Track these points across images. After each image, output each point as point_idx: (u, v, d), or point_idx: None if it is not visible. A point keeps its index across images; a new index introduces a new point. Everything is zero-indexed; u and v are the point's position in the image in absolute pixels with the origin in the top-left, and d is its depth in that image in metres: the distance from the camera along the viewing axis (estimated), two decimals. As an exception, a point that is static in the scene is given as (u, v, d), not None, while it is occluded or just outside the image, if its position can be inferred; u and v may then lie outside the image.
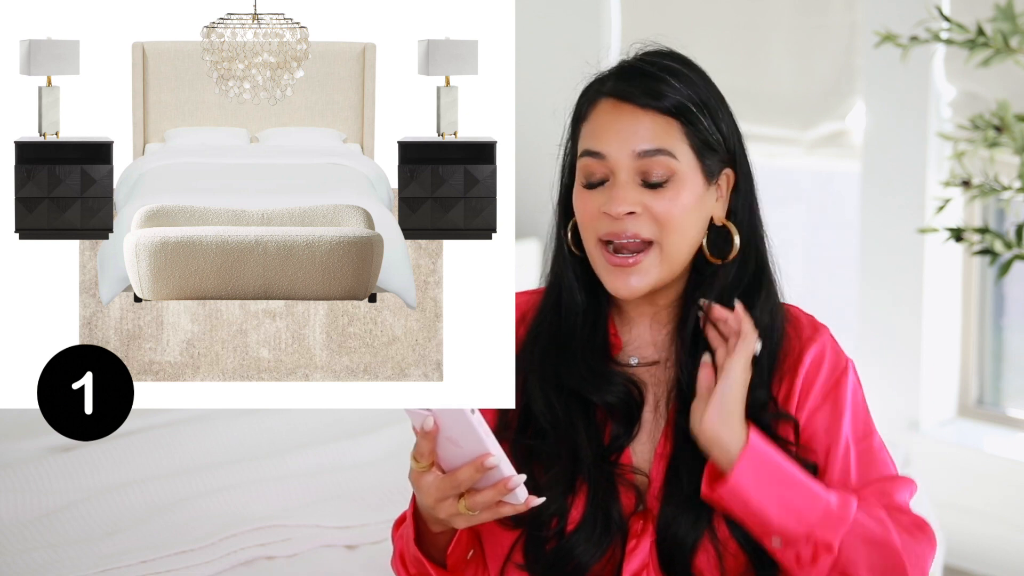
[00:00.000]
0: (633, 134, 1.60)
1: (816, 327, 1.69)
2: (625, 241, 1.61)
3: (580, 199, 1.64)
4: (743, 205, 1.66)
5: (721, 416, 1.58)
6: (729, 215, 1.66)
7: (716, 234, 1.66)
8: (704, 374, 1.62)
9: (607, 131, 1.62)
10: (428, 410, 1.49)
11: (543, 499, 1.53)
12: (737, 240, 1.65)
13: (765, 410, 1.64)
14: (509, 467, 1.49)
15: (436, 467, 1.53)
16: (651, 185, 1.60)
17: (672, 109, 1.61)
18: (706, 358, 1.63)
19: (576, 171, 1.66)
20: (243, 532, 2.43)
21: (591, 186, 1.63)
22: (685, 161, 1.61)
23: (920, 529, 1.61)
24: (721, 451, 1.58)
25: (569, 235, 1.68)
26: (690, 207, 1.61)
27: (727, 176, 1.66)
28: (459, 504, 1.52)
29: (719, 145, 1.63)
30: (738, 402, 1.59)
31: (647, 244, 1.61)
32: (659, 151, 1.60)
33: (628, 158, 1.60)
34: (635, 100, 1.61)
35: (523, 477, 1.50)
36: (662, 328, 1.69)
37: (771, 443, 1.60)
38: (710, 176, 1.63)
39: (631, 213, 1.60)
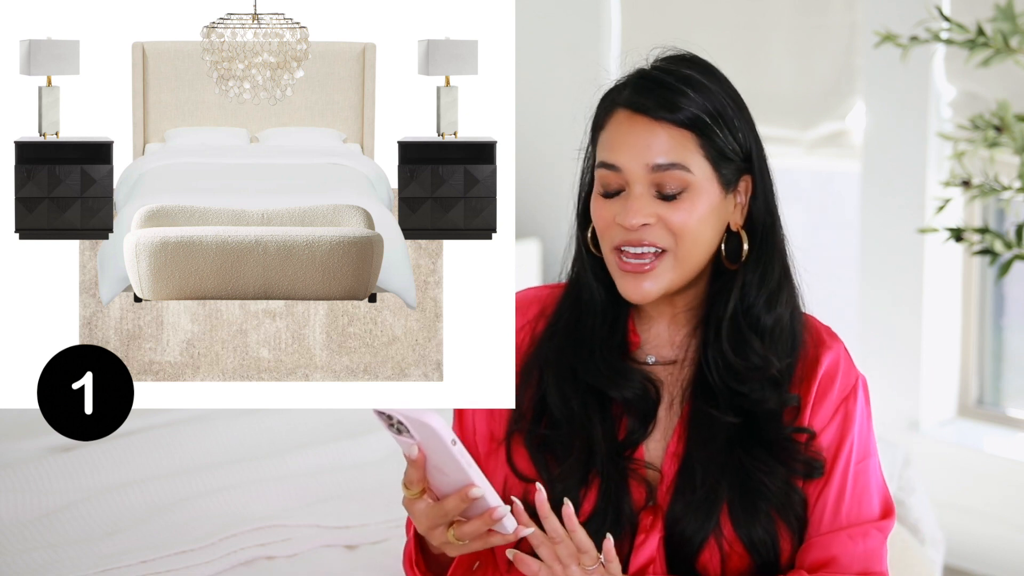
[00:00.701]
0: (647, 147, 1.60)
1: (832, 336, 1.71)
2: (640, 250, 1.61)
3: (597, 208, 1.65)
4: (762, 210, 1.67)
5: None
6: (748, 221, 1.67)
7: (736, 240, 1.67)
8: None
9: (622, 144, 1.62)
10: (412, 439, 1.49)
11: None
12: (746, 247, 1.65)
13: (781, 422, 1.65)
14: (495, 498, 1.50)
15: (429, 493, 1.55)
16: (666, 197, 1.61)
17: (687, 122, 1.60)
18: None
19: (594, 179, 1.66)
20: (243, 532, 2.43)
21: (608, 195, 1.63)
22: (700, 173, 1.61)
23: None
24: None
25: (589, 237, 1.69)
26: (705, 217, 1.62)
27: (746, 183, 1.66)
28: (448, 533, 1.54)
29: (735, 154, 1.63)
30: None
31: (661, 251, 1.62)
32: (673, 165, 1.60)
33: (643, 171, 1.60)
34: (650, 112, 1.61)
35: (508, 508, 1.51)
36: (681, 328, 1.70)
37: None
38: (727, 185, 1.63)
39: (645, 225, 1.61)
